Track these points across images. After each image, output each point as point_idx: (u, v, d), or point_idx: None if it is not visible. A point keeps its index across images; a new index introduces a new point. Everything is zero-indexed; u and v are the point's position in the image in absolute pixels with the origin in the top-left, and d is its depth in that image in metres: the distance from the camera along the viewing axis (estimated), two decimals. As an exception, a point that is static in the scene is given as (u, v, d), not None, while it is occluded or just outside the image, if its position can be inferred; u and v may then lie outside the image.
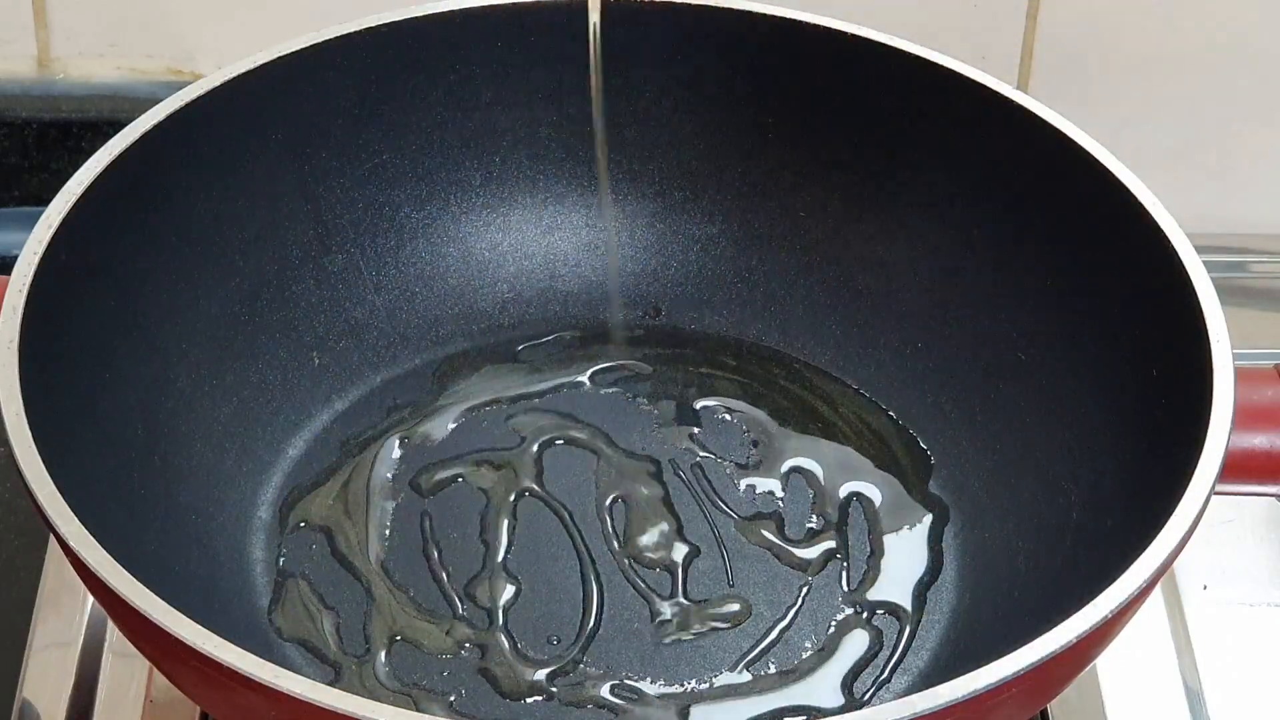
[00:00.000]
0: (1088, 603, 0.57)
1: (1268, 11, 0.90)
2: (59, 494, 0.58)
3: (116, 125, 0.70)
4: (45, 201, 0.66)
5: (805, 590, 0.71)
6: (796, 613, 0.70)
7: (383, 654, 0.68)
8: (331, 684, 0.64)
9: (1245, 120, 0.93)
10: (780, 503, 0.73)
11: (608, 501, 0.73)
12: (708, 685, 0.67)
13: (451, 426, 0.76)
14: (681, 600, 0.70)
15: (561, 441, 0.75)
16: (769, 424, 0.76)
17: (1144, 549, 0.58)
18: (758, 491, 0.74)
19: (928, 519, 0.73)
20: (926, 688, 0.55)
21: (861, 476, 0.75)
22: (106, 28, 0.92)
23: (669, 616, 0.69)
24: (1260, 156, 0.94)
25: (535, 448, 0.75)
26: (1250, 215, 0.95)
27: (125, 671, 0.72)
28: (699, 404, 0.77)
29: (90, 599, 0.73)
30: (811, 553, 0.72)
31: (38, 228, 0.65)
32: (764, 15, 0.76)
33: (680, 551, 0.71)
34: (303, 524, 0.72)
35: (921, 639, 0.69)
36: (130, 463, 0.67)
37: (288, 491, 0.73)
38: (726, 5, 0.77)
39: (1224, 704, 0.73)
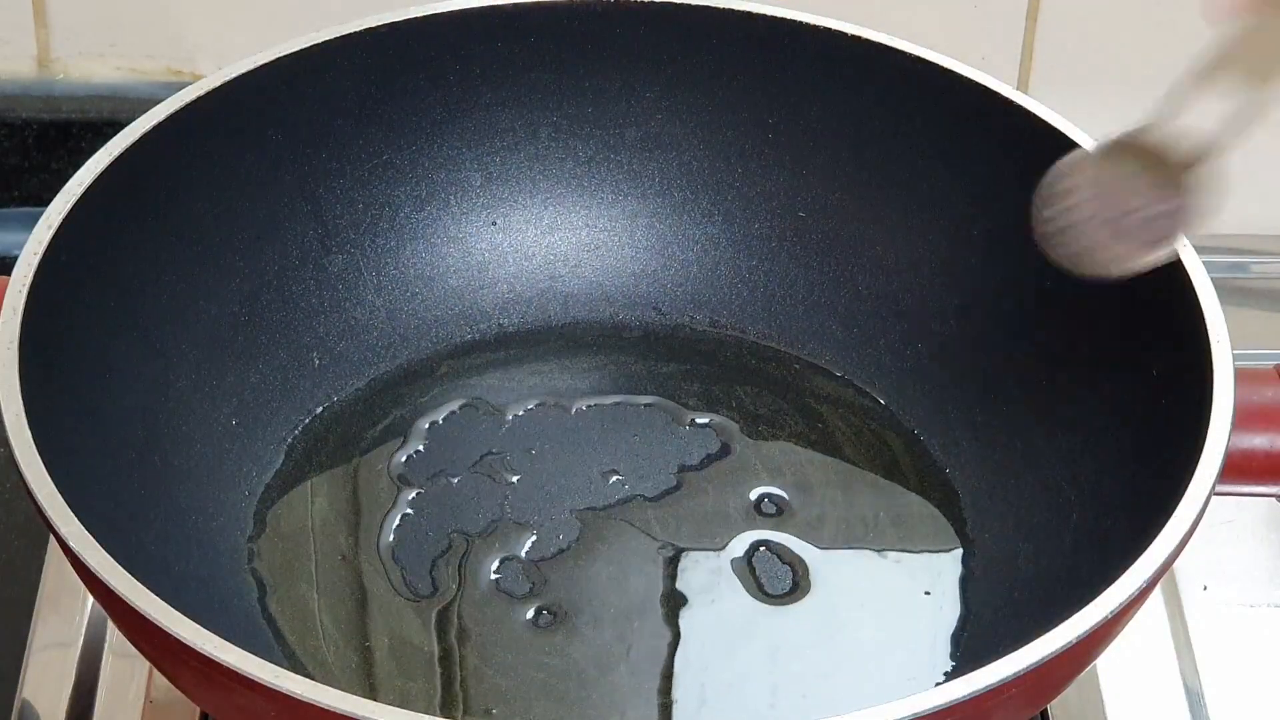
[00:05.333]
0: (1088, 603, 0.57)
1: (1268, 11, 0.90)
2: (59, 494, 0.58)
3: (116, 125, 0.70)
4: (45, 201, 0.66)
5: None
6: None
7: (384, 653, 0.68)
8: (331, 683, 0.64)
9: (1245, 120, 0.93)
10: (779, 503, 0.73)
11: (609, 501, 0.73)
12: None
13: (451, 426, 0.76)
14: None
15: (561, 441, 0.75)
16: (768, 424, 0.76)
17: (1144, 549, 0.58)
18: (759, 490, 0.74)
19: (927, 520, 0.73)
20: (926, 687, 0.55)
21: (862, 478, 0.75)
22: (106, 28, 0.92)
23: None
24: (1260, 157, 0.94)
25: (536, 447, 0.75)
26: (1250, 215, 0.95)
27: (125, 671, 0.72)
28: (697, 404, 0.77)
29: (90, 599, 0.73)
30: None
31: (38, 228, 0.65)
32: (764, 15, 0.76)
33: (682, 545, 0.72)
34: (302, 524, 0.72)
35: (921, 639, 0.69)
36: (130, 463, 0.67)
37: (287, 491, 0.73)
38: (726, 5, 0.77)
39: (1224, 704, 0.73)
